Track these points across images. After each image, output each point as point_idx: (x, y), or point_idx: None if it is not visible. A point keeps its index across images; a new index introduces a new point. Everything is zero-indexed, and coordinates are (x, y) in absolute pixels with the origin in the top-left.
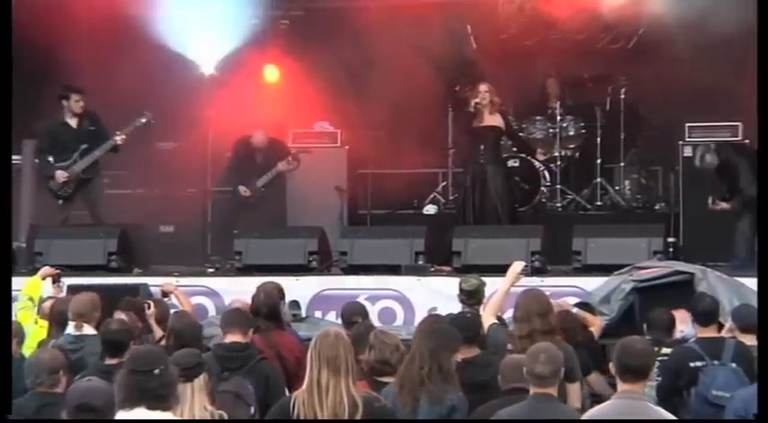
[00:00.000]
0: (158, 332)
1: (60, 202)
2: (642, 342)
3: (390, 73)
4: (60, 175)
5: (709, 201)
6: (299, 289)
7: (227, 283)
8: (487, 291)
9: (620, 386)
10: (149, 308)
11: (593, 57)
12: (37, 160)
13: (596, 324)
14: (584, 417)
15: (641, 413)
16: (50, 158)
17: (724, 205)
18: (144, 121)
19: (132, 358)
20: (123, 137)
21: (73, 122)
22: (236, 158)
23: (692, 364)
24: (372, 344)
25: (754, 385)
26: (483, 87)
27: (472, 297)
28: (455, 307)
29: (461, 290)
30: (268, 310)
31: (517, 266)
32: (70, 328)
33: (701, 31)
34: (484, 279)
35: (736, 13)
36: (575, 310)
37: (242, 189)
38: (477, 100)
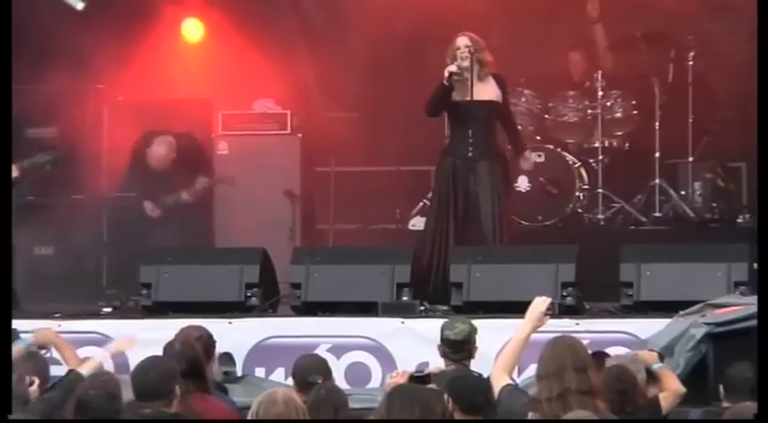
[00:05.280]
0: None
1: None
2: None
3: (364, 30)
4: None
5: None
6: (232, 336)
7: (131, 329)
8: (502, 337)
9: None
10: None
11: (647, 8)
12: None
13: (673, 388)
14: None
15: None
16: None
17: None
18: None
19: None
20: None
21: None
22: (136, 165)
23: None
24: None
25: None
26: (463, 40)
27: (460, 349)
28: None
29: (444, 339)
30: (188, 366)
31: (539, 304)
32: None
33: None
34: (488, 322)
35: None
36: (640, 375)
37: (148, 207)
38: (454, 69)
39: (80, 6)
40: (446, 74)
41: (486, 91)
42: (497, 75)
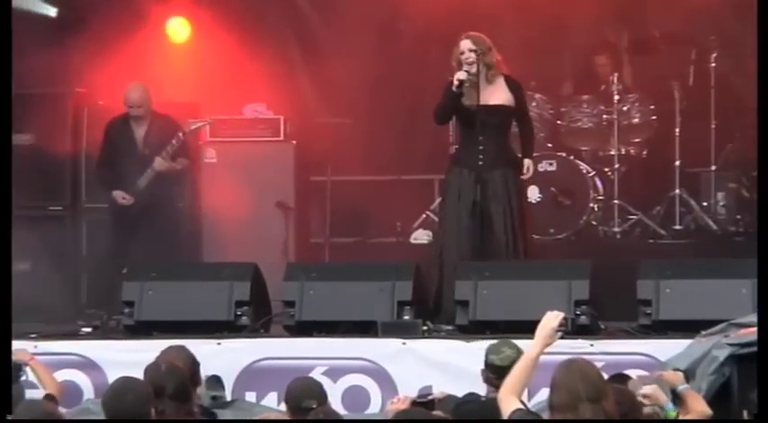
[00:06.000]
0: None
1: None
2: None
3: (363, 30)
4: None
5: None
6: (221, 358)
7: (113, 350)
8: None
9: None
10: None
11: (667, 6)
12: None
13: (699, 409)
14: None
15: None
16: None
17: None
18: None
19: None
20: None
21: None
22: (109, 146)
23: None
24: None
25: None
26: (466, 44)
27: (505, 375)
28: (461, 386)
29: (489, 364)
30: (176, 388)
31: (550, 320)
32: None
33: None
34: None
35: None
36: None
37: (119, 196)
38: (464, 77)
39: (53, 13)
40: (456, 82)
41: (497, 95)
42: (509, 76)
